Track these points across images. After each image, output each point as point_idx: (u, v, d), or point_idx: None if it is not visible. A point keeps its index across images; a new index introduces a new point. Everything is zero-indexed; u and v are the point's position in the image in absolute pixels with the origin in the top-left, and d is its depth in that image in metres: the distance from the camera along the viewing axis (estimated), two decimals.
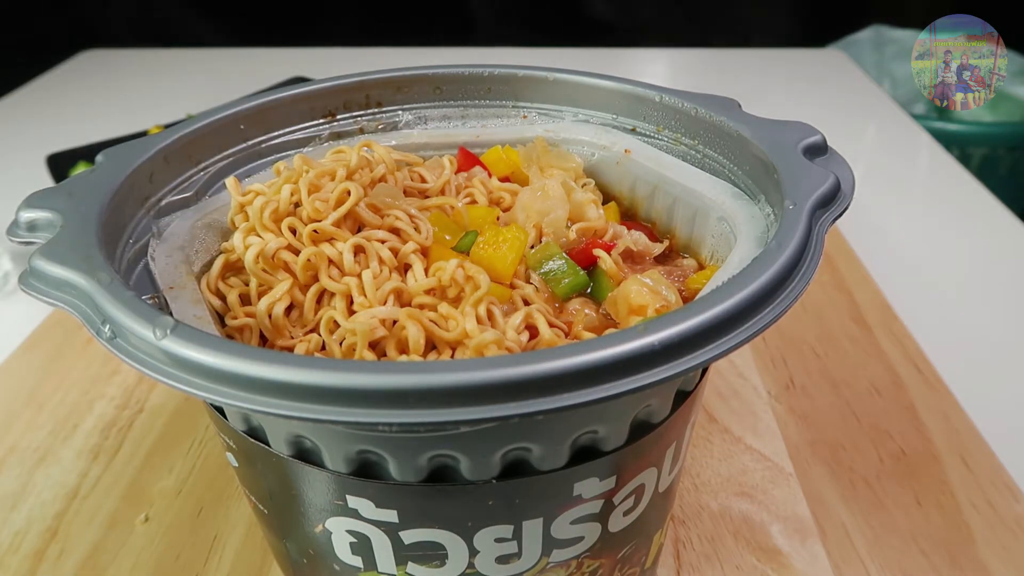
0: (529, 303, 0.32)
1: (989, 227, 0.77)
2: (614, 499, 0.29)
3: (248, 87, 0.96)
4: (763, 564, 0.41)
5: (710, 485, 0.46)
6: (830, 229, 0.29)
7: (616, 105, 0.41)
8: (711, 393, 0.53)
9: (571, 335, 0.32)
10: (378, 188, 0.35)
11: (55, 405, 0.53)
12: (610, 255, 0.35)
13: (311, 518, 0.29)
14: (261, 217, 0.32)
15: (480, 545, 0.28)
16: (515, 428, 0.25)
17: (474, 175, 0.40)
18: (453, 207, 0.36)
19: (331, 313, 0.30)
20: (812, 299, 0.63)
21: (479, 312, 0.29)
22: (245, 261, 0.32)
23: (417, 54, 1.27)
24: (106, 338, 0.24)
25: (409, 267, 0.32)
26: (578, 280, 0.34)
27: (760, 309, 0.24)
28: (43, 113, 1.10)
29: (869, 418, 0.51)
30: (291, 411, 0.21)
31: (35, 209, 0.29)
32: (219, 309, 0.32)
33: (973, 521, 0.44)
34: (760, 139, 0.33)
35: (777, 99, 1.11)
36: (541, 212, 0.36)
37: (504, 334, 0.29)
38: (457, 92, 0.43)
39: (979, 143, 1.42)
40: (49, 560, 0.42)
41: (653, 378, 0.22)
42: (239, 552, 0.42)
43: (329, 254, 0.32)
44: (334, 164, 0.36)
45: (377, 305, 0.30)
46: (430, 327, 0.29)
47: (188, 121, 0.37)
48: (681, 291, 0.34)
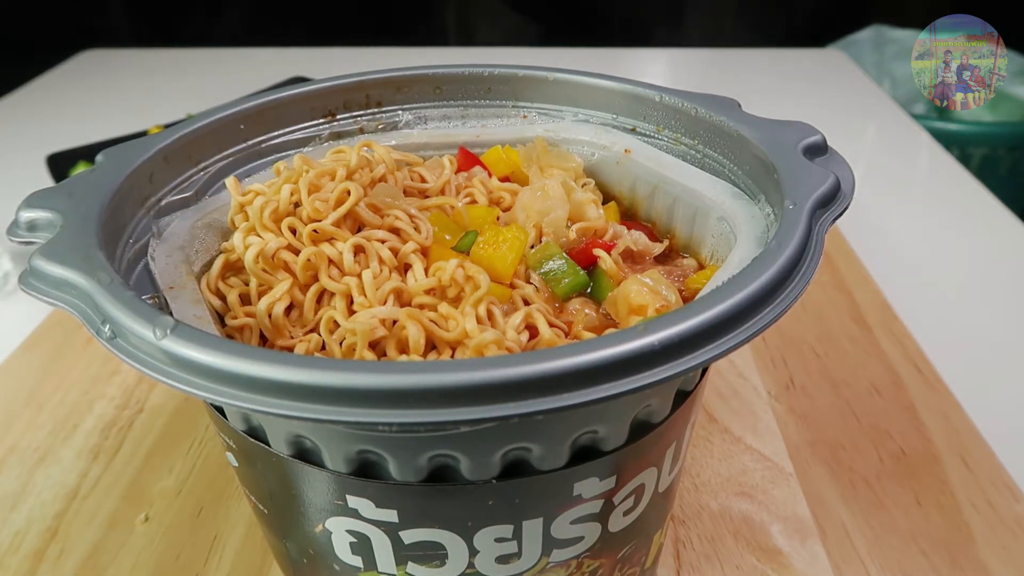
0: (529, 303, 0.32)
1: (989, 227, 0.77)
2: (614, 499, 0.29)
3: (248, 87, 0.96)
4: (763, 564, 0.41)
5: (710, 485, 0.46)
6: (830, 229, 0.29)
7: (616, 105, 0.41)
8: (711, 393, 0.53)
9: (571, 335, 0.32)
10: (378, 188, 0.35)
11: (55, 405, 0.53)
12: (610, 255, 0.35)
13: (311, 518, 0.29)
14: (261, 217, 0.32)
15: (480, 545, 0.28)
16: (515, 428, 0.25)
17: (474, 175, 0.40)
18: (453, 207, 0.36)
19: (331, 313, 0.30)
20: (812, 299, 0.63)
21: (479, 312, 0.29)
22: (245, 261, 0.32)
23: (417, 54, 1.27)
24: (106, 338, 0.24)
25: (409, 267, 0.32)
26: (578, 280, 0.34)
27: (760, 309, 0.24)
28: (43, 113, 1.10)
29: (869, 418, 0.51)
30: (291, 411, 0.21)
31: (35, 209, 0.29)
32: (219, 309, 0.32)
33: (973, 521, 0.44)
34: (760, 139, 0.33)
35: (777, 99, 1.11)
36: (541, 212, 0.36)
37: (504, 334, 0.29)
38: (457, 92, 0.43)
39: (979, 143, 1.42)
40: (49, 560, 0.42)
41: (653, 378, 0.22)
42: (239, 552, 0.42)
43: (329, 254, 0.32)
44: (334, 164, 0.36)
45: (377, 305, 0.30)
46: (430, 327, 0.29)
47: (188, 121, 0.37)
48: (681, 291, 0.34)
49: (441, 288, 0.31)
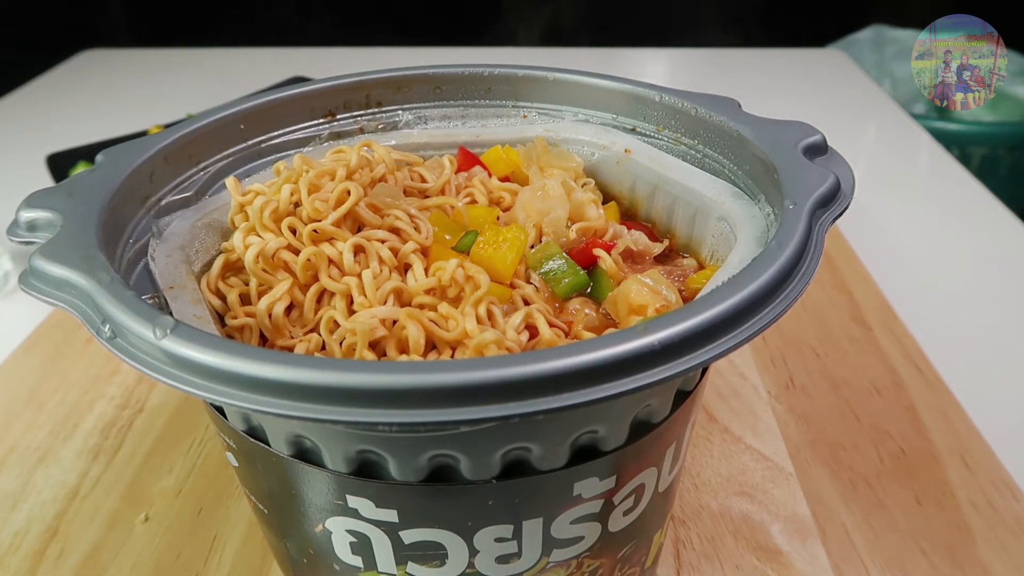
0: (529, 303, 0.32)
1: (989, 227, 0.77)
2: (614, 499, 0.29)
3: (248, 87, 0.96)
4: (763, 564, 0.41)
5: (710, 485, 0.46)
6: (830, 229, 0.29)
7: (616, 105, 0.41)
8: (711, 393, 0.53)
9: (571, 335, 0.32)
10: (378, 188, 0.35)
11: (55, 405, 0.53)
12: (610, 255, 0.35)
13: (311, 518, 0.29)
14: (261, 217, 0.32)
15: (480, 545, 0.28)
16: (515, 428, 0.25)
17: (474, 175, 0.40)
18: (453, 207, 0.36)
19: (331, 313, 0.30)
20: (812, 299, 0.63)
21: (479, 312, 0.29)
22: (245, 261, 0.32)
23: (417, 54, 1.27)
24: (106, 338, 0.24)
25: (409, 267, 0.32)
26: (578, 280, 0.34)
27: (760, 309, 0.24)
28: (43, 113, 1.10)
29: (869, 418, 0.51)
30: (291, 411, 0.21)
31: (35, 209, 0.29)
32: (219, 309, 0.32)
33: (973, 521, 0.44)
34: (760, 139, 0.33)
35: (777, 99, 1.11)
36: (541, 212, 0.36)
37: (504, 334, 0.29)
38: (457, 92, 0.43)
39: (979, 143, 1.42)
40: (49, 560, 0.42)
41: (653, 378, 0.22)
42: (239, 552, 0.42)
43: (329, 254, 0.32)
44: (334, 164, 0.36)
45: (377, 305, 0.30)
46: (430, 327, 0.29)
47: (188, 121, 0.37)
48: (681, 291, 0.34)
49: (441, 288, 0.31)
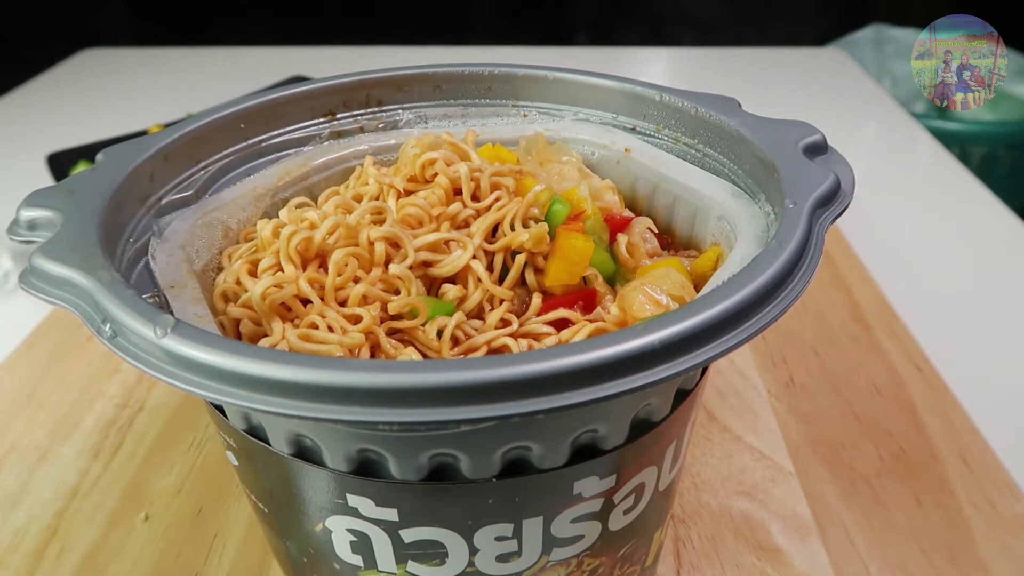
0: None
1: (989, 227, 0.77)
2: (614, 498, 0.29)
3: (248, 87, 0.96)
4: (763, 563, 0.41)
5: (710, 484, 0.46)
6: (830, 228, 0.29)
7: (616, 104, 0.41)
8: (711, 392, 0.53)
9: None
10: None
11: (55, 404, 0.53)
12: (626, 239, 0.35)
13: (311, 517, 0.29)
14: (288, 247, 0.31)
15: (480, 543, 0.28)
16: (515, 427, 0.25)
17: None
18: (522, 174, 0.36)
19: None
20: (812, 298, 0.63)
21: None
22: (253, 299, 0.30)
23: (417, 53, 1.27)
24: (107, 337, 0.24)
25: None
26: (602, 256, 0.34)
27: (760, 308, 0.24)
28: (43, 113, 1.10)
29: (869, 417, 0.51)
30: (291, 410, 0.21)
31: (35, 208, 0.29)
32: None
33: (973, 520, 0.44)
34: (760, 138, 0.33)
35: (777, 99, 1.11)
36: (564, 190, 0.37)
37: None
38: (457, 91, 0.43)
39: (979, 142, 1.42)
40: (49, 559, 0.42)
41: (653, 378, 0.22)
42: (239, 551, 0.42)
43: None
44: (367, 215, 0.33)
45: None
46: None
47: (188, 120, 0.37)
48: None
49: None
